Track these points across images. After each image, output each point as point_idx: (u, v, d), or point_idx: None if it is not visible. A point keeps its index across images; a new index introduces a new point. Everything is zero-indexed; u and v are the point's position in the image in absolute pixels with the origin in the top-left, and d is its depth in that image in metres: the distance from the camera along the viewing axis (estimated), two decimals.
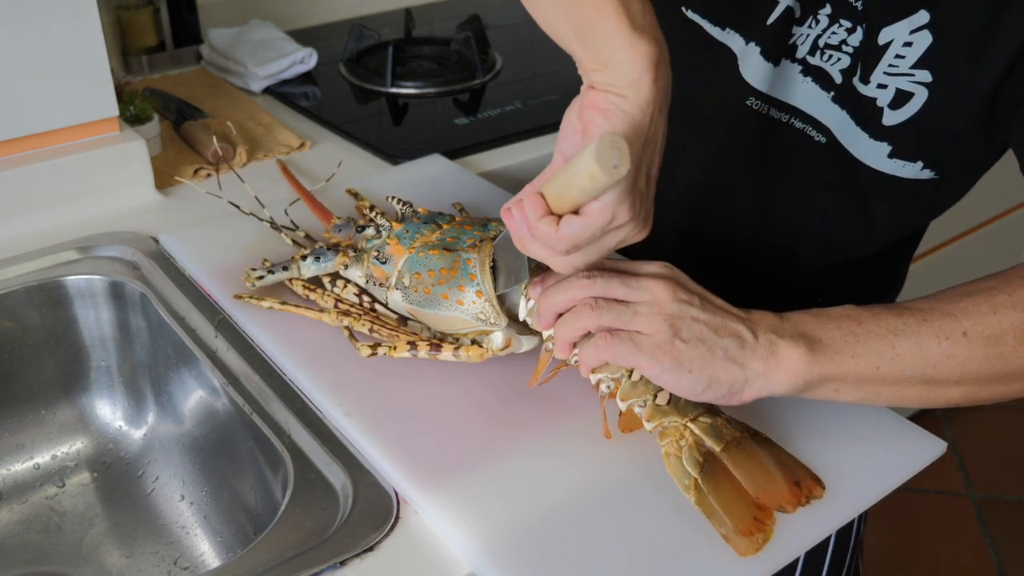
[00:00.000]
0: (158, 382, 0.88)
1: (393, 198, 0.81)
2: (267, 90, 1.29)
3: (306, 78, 1.32)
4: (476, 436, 0.68)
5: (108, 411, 0.91)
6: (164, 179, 1.04)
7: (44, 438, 0.90)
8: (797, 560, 0.85)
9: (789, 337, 0.62)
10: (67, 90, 0.94)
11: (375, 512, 0.63)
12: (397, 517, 0.63)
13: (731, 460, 0.62)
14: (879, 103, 0.73)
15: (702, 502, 0.60)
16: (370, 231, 0.79)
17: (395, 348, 0.71)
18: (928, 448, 0.68)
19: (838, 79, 0.76)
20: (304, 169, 1.08)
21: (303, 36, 1.41)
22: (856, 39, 0.74)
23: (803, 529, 0.61)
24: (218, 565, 0.80)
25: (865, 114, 0.74)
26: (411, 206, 0.81)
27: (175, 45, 1.36)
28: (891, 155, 0.75)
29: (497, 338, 0.70)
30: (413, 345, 0.71)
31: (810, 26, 0.76)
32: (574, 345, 0.65)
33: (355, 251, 0.79)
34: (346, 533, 0.61)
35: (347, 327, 0.75)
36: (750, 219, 0.86)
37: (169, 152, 1.10)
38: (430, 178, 1.03)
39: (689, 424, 0.63)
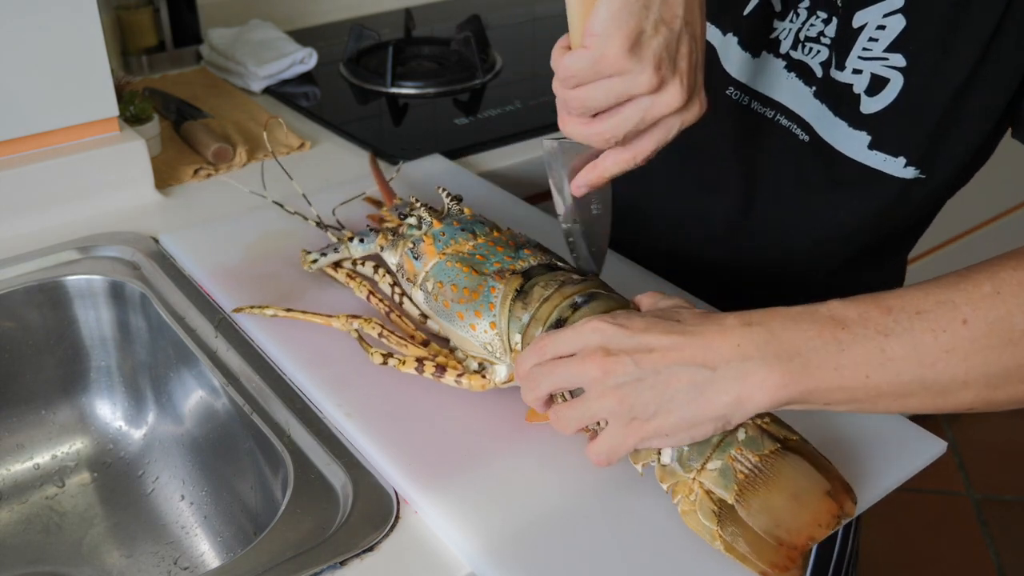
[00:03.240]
0: (158, 382, 0.88)
1: (443, 190, 0.81)
2: (267, 90, 1.29)
3: (306, 78, 1.32)
4: (476, 436, 0.68)
5: (108, 411, 0.91)
6: (164, 179, 1.04)
7: (44, 438, 0.90)
8: None
9: (760, 358, 0.55)
10: (67, 90, 0.94)
11: (375, 512, 0.63)
12: (397, 517, 0.63)
13: (749, 504, 0.57)
14: (855, 89, 0.72)
15: (730, 550, 0.57)
16: (412, 220, 0.79)
17: (403, 363, 0.72)
18: (928, 448, 0.68)
19: (819, 72, 0.75)
20: (304, 169, 1.08)
21: (303, 36, 1.41)
22: (832, 29, 0.74)
23: None
24: (218, 565, 0.80)
25: (843, 102, 0.73)
26: (459, 201, 0.80)
27: (175, 45, 1.36)
28: (871, 146, 0.73)
29: (501, 371, 0.70)
30: (420, 364, 0.71)
31: (791, 20, 0.76)
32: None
33: (394, 235, 0.80)
34: (346, 533, 0.61)
35: (356, 330, 0.75)
36: (736, 217, 0.86)
37: (169, 152, 1.10)
38: (430, 178, 1.03)
39: (696, 478, 0.59)
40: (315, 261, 0.83)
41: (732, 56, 0.79)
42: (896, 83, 0.71)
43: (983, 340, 0.54)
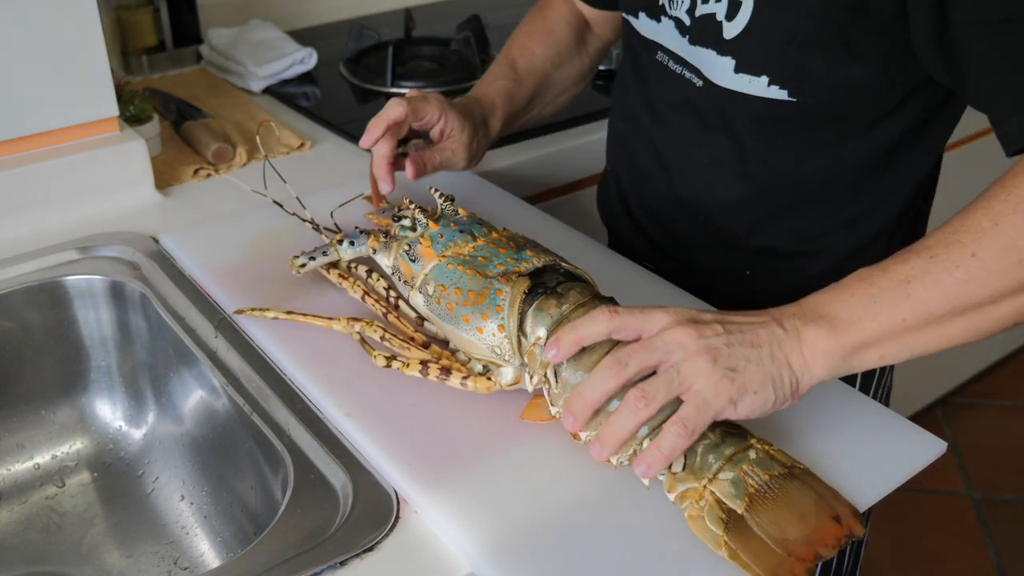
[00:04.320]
0: (158, 382, 0.88)
1: (435, 191, 0.81)
2: (267, 90, 1.29)
3: (306, 78, 1.32)
4: (476, 436, 0.68)
5: (108, 411, 0.91)
6: (164, 179, 1.04)
7: (44, 438, 0.90)
8: None
9: (810, 321, 0.62)
10: (67, 90, 0.94)
11: (375, 512, 0.63)
12: (397, 517, 0.63)
13: (758, 515, 0.58)
14: (718, 17, 0.76)
15: (735, 557, 0.57)
16: (406, 222, 0.78)
17: (407, 365, 0.71)
18: (928, 448, 0.68)
19: (687, 20, 0.79)
20: (304, 169, 1.08)
21: (303, 36, 1.41)
22: None
23: None
24: (218, 565, 0.80)
25: (709, 33, 0.77)
26: (452, 202, 0.80)
27: (175, 45, 1.36)
28: (736, 69, 0.76)
29: (508, 373, 0.69)
30: (425, 367, 0.71)
31: None
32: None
33: (387, 237, 0.79)
34: (346, 533, 0.61)
35: (359, 333, 0.75)
36: (659, 175, 0.90)
37: (169, 152, 1.10)
38: (430, 178, 1.03)
39: (708, 486, 0.60)
40: (303, 265, 0.81)
41: (646, 26, 0.85)
42: (748, 5, 0.74)
43: (994, 266, 0.60)
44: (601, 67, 1.32)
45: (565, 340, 0.63)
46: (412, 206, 0.79)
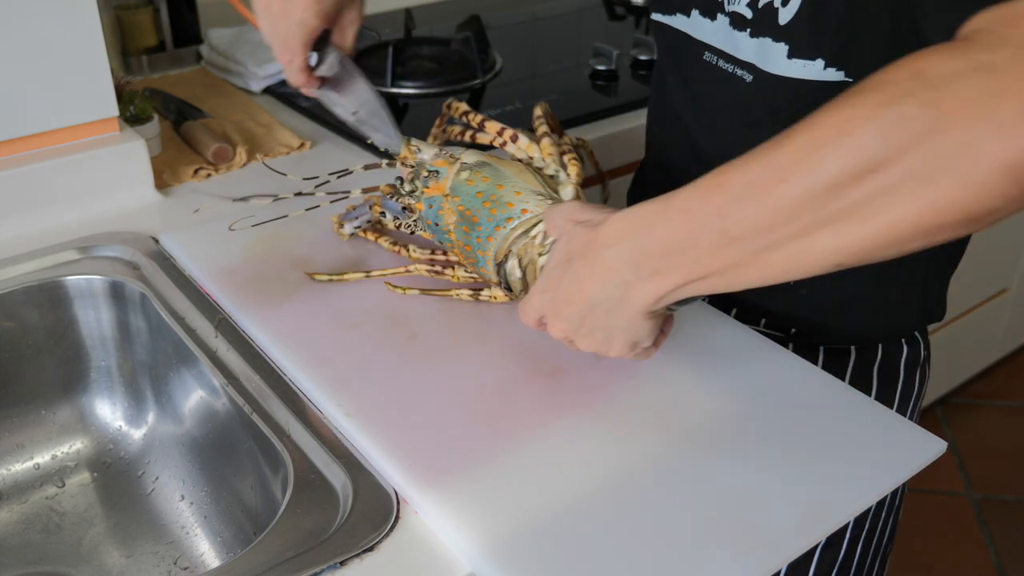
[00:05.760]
0: (158, 382, 0.88)
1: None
2: (267, 90, 1.29)
3: None
4: (476, 436, 0.68)
5: (108, 411, 0.91)
6: (164, 179, 1.04)
7: (44, 438, 0.90)
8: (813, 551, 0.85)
9: (641, 279, 0.63)
10: (67, 90, 0.94)
11: (375, 512, 0.63)
12: (397, 517, 0.63)
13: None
14: (775, 4, 0.75)
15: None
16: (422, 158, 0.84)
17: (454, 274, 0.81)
18: (928, 448, 0.68)
19: (749, 14, 0.77)
20: (305, 169, 1.08)
21: None
22: None
23: (803, 528, 0.61)
24: (218, 565, 0.80)
25: (769, 22, 0.76)
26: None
27: (175, 45, 1.36)
28: (790, 55, 0.74)
29: (568, 191, 0.79)
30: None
31: None
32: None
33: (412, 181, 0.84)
34: (346, 533, 0.61)
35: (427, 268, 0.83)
36: (696, 174, 0.88)
37: (169, 152, 1.10)
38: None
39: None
40: (342, 226, 0.88)
41: (699, 26, 0.84)
42: None
43: (807, 193, 0.54)
44: (600, 67, 1.32)
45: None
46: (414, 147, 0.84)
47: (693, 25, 0.85)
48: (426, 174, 0.81)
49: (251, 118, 1.19)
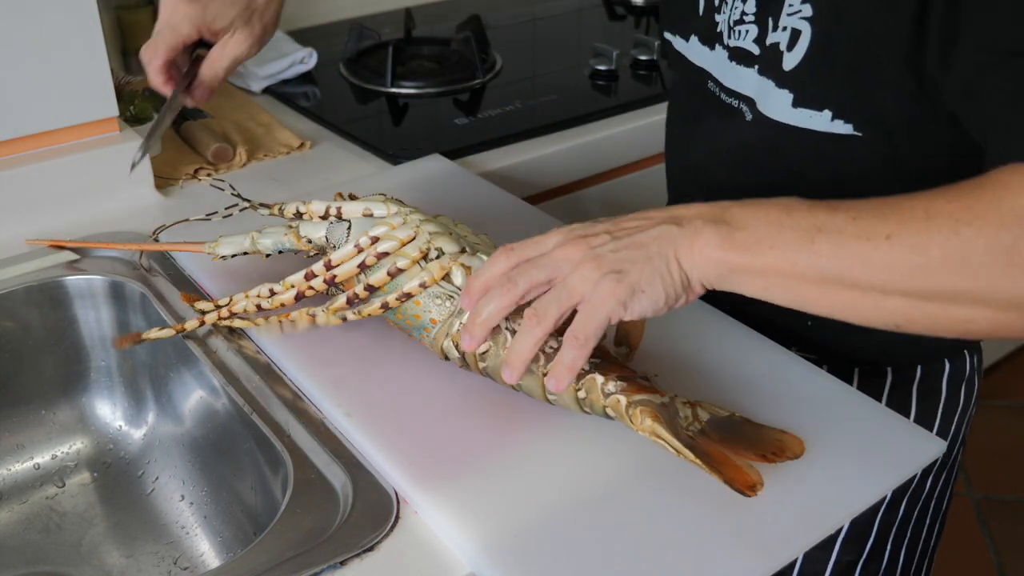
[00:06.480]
0: (158, 382, 0.88)
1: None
2: (267, 90, 1.29)
3: (306, 78, 1.32)
4: (476, 436, 0.68)
5: (108, 411, 0.91)
6: (164, 179, 1.04)
7: (44, 438, 0.90)
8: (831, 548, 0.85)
9: (710, 222, 0.60)
10: (67, 90, 0.94)
11: (375, 512, 0.63)
12: (397, 517, 0.63)
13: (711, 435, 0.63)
14: (781, 47, 0.73)
15: (703, 458, 0.60)
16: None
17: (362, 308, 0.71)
18: (928, 448, 0.68)
19: (755, 50, 0.76)
20: (304, 169, 1.08)
21: (303, 36, 1.41)
22: (751, 5, 0.75)
23: (803, 528, 0.61)
24: (218, 565, 0.80)
25: (771, 63, 0.74)
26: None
27: None
28: (795, 103, 0.73)
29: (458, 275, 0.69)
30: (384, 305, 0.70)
31: (723, 11, 0.78)
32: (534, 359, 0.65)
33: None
34: (346, 533, 0.61)
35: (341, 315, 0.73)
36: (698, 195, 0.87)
37: (169, 152, 1.10)
38: (430, 178, 1.03)
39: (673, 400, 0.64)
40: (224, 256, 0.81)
41: (698, 53, 0.83)
42: (807, 34, 0.71)
43: (900, 257, 0.56)
44: (600, 67, 1.32)
45: (473, 287, 0.64)
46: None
47: (692, 51, 0.84)
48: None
49: (251, 118, 1.19)
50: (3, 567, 0.81)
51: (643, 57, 1.35)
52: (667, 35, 0.88)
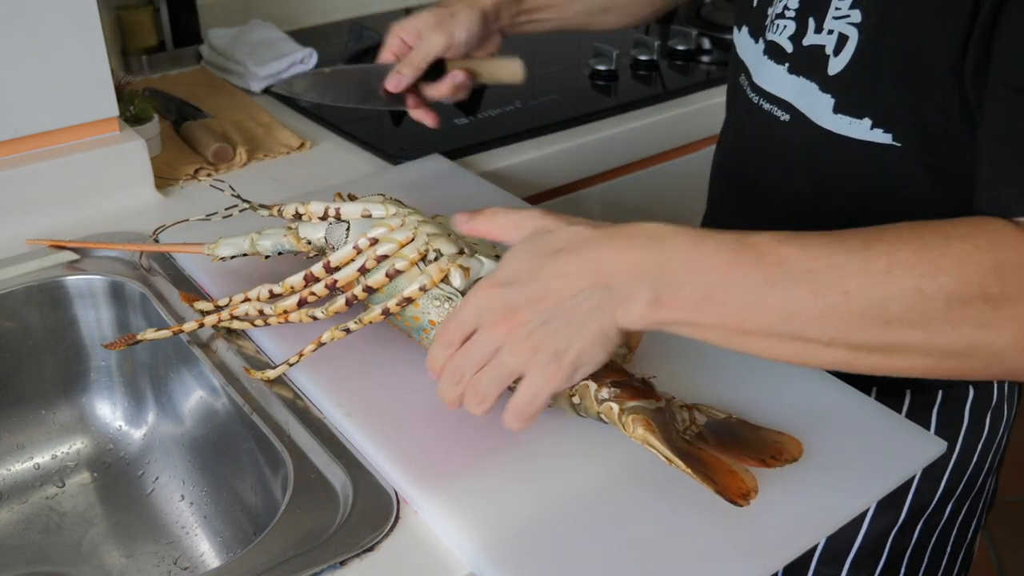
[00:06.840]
0: (158, 382, 0.88)
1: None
2: (267, 90, 1.29)
3: None
4: (476, 436, 0.68)
5: (108, 411, 0.91)
6: (164, 179, 1.04)
7: (44, 438, 0.90)
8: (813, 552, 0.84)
9: (649, 280, 0.57)
10: (67, 90, 0.94)
11: (375, 512, 0.63)
12: (397, 517, 0.63)
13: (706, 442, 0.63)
14: (827, 51, 0.72)
15: (695, 468, 0.60)
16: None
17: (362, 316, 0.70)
18: (928, 448, 0.68)
19: (789, 47, 0.75)
20: (304, 169, 1.08)
21: (303, 36, 1.41)
22: (795, 1, 0.74)
23: (803, 528, 0.61)
24: (218, 565, 0.80)
25: (814, 65, 0.72)
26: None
27: (175, 45, 1.36)
28: (835, 109, 0.72)
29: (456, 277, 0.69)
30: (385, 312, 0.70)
31: (773, 4, 0.77)
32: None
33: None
34: (346, 533, 0.61)
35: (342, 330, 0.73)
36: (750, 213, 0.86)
37: (169, 152, 1.10)
38: (430, 178, 1.03)
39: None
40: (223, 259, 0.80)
41: (744, 45, 0.81)
42: (853, 40, 0.69)
43: (857, 314, 0.54)
44: (600, 67, 1.32)
45: (431, 369, 0.63)
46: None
47: (741, 42, 0.82)
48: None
49: (251, 118, 1.19)
50: (3, 567, 0.81)
51: (643, 57, 1.35)
52: (734, 26, 0.86)
